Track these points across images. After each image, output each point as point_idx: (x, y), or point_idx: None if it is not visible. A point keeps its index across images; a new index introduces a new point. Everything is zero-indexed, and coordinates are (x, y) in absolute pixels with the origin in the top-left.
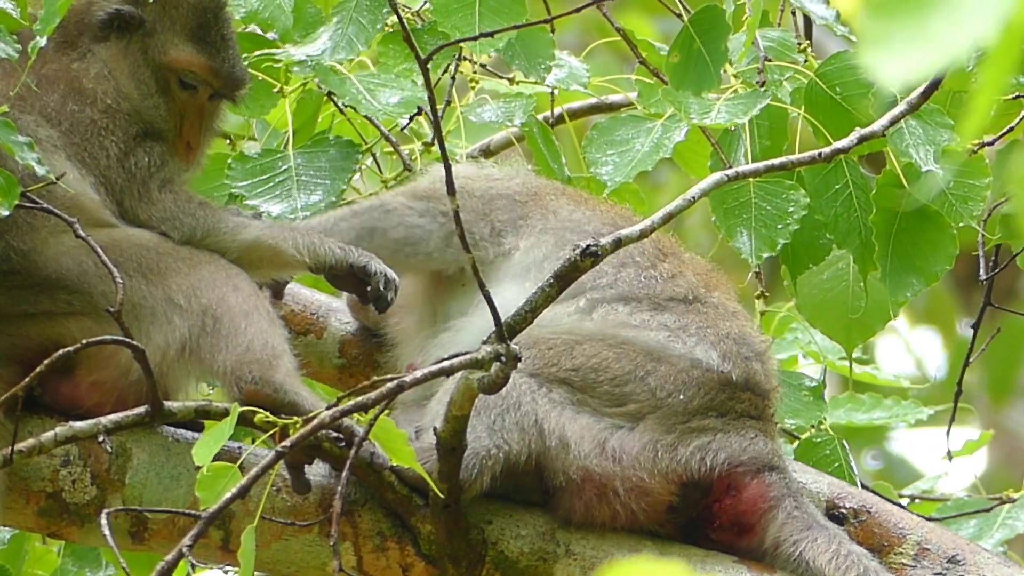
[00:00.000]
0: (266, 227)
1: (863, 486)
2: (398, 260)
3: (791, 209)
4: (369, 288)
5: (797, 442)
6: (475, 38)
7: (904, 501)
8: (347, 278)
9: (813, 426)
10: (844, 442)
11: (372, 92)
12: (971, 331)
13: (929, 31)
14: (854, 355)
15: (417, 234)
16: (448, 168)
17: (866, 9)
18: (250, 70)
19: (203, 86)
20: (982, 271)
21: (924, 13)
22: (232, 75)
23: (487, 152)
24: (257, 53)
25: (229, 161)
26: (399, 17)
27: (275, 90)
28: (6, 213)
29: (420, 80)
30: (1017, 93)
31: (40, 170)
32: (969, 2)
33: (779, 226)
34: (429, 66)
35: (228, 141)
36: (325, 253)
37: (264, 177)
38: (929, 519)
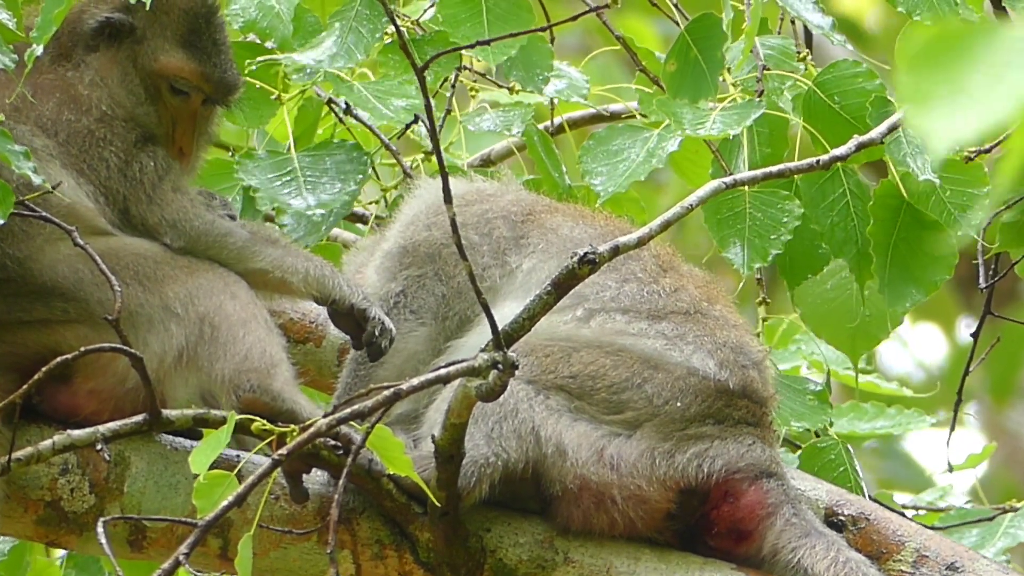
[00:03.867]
0: (278, 256)
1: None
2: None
3: (785, 219)
4: (364, 332)
5: (800, 449)
6: (471, 46)
7: (909, 513)
8: (347, 318)
9: (816, 432)
10: (849, 447)
11: (382, 99)
12: (971, 336)
13: (969, 87)
14: (858, 364)
15: (434, 302)
16: (445, 176)
17: (904, 66)
18: (248, 79)
19: (195, 92)
20: (982, 280)
21: (963, 69)
22: (223, 80)
23: (488, 162)
24: (259, 60)
25: (237, 158)
26: (395, 26)
27: (273, 97)
28: (1, 222)
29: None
30: None
31: (36, 179)
32: (1006, 54)
33: (772, 236)
34: (428, 75)
35: (230, 152)
36: (332, 288)
37: (273, 175)
38: (931, 528)
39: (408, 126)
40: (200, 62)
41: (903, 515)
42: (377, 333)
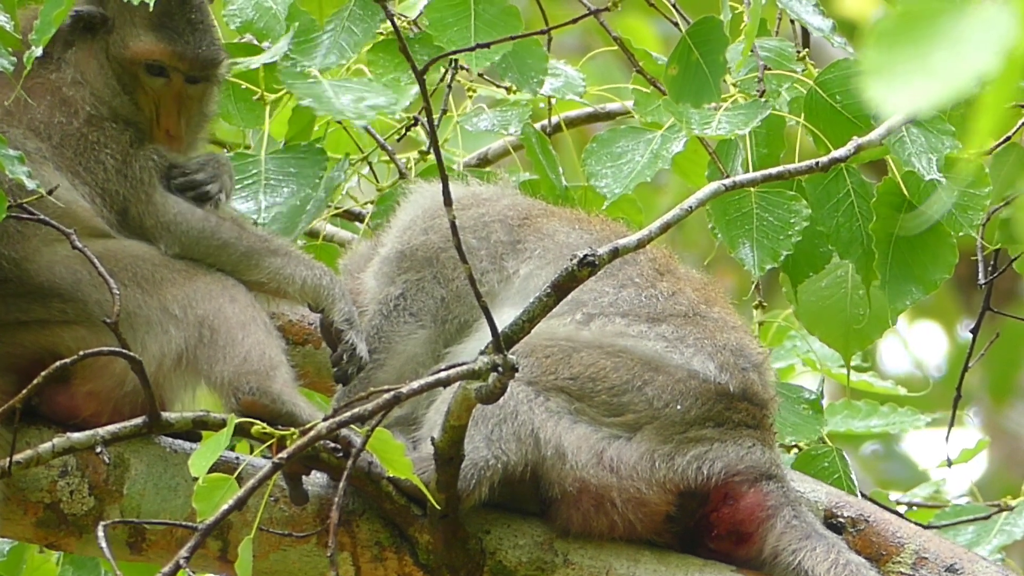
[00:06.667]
0: (277, 267)
1: (862, 495)
2: (444, 332)
3: (793, 220)
4: (334, 354)
5: (796, 450)
6: (471, 49)
7: (902, 508)
8: (329, 331)
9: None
10: (844, 453)
11: (338, 94)
12: (970, 332)
13: (932, 62)
14: (853, 362)
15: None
16: (445, 179)
17: (870, 40)
18: (236, 79)
19: (172, 72)
20: (981, 276)
21: (927, 44)
22: (199, 56)
23: (485, 161)
24: (231, 61)
25: None
26: (395, 28)
27: (255, 98)
28: None
29: (409, 88)
30: (1017, 102)
31: (30, 184)
32: (971, 33)
33: (781, 237)
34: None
35: (224, 149)
36: (324, 299)
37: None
38: (927, 526)
39: (408, 128)
40: (170, 41)
41: (898, 514)
42: (346, 358)
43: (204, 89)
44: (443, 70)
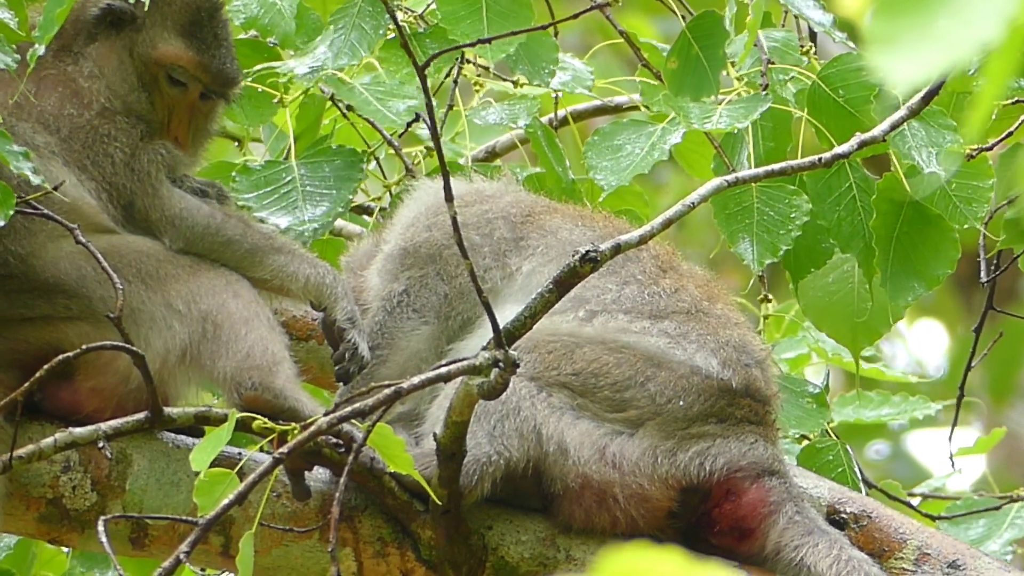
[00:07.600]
0: (281, 264)
1: (867, 483)
2: (446, 328)
3: (793, 215)
4: (336, 352)
5: (805, 442)
6: (473, 44)
7: (915, 501)
8: (331, 329)
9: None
10: (848, 447)
11: (383, 101)
12: (973, 328)
13: (935, 31)
14: (862, 352)
15: (436, 302)
16: (446, 175)
17: (873, 9)
18: (251, 83)
19: (193, 83)
20: (983, 274)
21: (930, 14)
22: (222, 72)
23: (493, 154)
24: (258, 68)
25: (233, 174)
26: (398, 26)
27: (275, 100)
28: (2, 223)
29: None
30: (1017, 98)
31: (35, 180)
32: (975, 3)
33: (781, 232)
34: (428, 72)
35: (236, 144)
36: (327, 298)
37: (269, 189)
38: (938, 518)
39: (409, 125)
40: (199, 52)
41: (910, 505)
42: (347, 356)
43: (214, 106)
44: (451, 65)
